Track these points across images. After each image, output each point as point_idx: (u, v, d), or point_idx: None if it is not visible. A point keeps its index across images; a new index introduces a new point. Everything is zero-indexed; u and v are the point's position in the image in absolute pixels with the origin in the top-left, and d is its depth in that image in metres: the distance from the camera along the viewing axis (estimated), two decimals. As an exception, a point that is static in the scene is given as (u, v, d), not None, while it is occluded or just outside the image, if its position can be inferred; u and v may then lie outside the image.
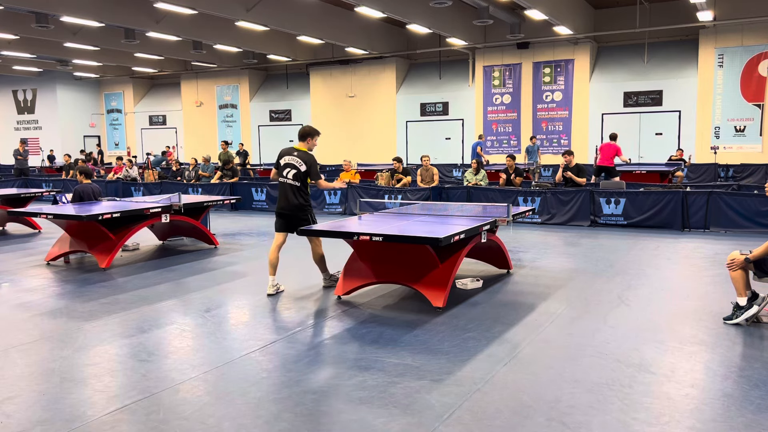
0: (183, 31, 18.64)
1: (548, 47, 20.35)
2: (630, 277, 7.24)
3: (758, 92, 17.76)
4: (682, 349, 4.73)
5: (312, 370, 4.41)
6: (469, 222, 6.50)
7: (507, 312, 5.82)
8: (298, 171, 6.49)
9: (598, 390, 3.97)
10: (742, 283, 5.25)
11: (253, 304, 6.26)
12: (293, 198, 6.51)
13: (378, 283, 6.30)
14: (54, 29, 17.82)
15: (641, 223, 10.99)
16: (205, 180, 15.84)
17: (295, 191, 6.51)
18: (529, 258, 8.48)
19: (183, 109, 28.38)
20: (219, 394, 4.01)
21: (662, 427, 3.48)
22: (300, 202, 6.52)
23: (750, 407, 3.70)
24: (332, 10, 18.97)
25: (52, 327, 5.52)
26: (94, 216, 7.79)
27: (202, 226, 9.53)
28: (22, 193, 11.88)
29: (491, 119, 21.51)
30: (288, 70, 26.24)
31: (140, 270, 8.01)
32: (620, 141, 19.76)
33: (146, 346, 4.93)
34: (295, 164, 6.51)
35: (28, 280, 7.49)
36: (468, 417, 3.63)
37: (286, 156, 6.59)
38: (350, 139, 23.92)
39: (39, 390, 4.10)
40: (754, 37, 17.62)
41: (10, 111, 30.53)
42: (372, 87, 23.65)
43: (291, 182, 6.51)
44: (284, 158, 6.59)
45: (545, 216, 11.80)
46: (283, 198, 6.59)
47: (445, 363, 4.48)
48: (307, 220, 6.56)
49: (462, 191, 12.60)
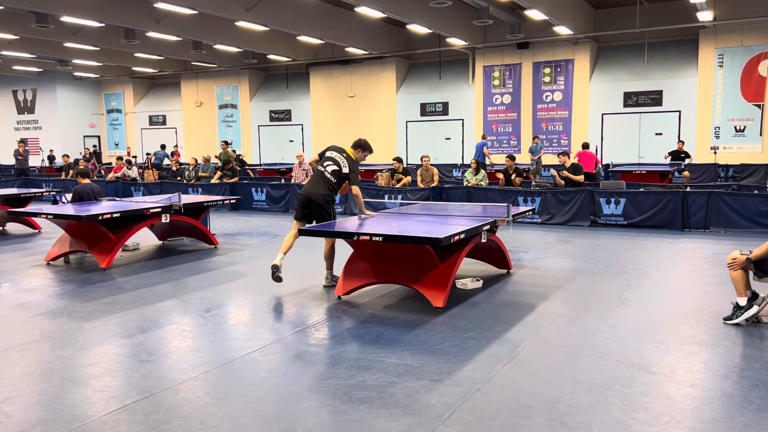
0: (183, 31, 18.64)
1: (548, 47, 20.35)
2: (630, 277, 7.23)
3: (758, 92, 17.76)
4: (682, 349, 4.73)
5: (312, 370, 4.40)
6: (469, 222, 6.50)
7: (507, 312, 5.82)
8: (339, 170, 6.69)
9: (598, 390, 3.97)
10: (742, 283, 5.25)
11: (253, 304, 6.26)
12: (323, 188, 6.66)
13: (378, 283, 6.30)
14: (54, 29, 17.82)
15: (641, 223, 10.99)
16: (205, 180, 15.84)
17: (327, 184, 6.68)
18: (529, 258, 8.48)
19: (183, 109, 28.39)
20: (219, 394, 4.01)
21: (662, 427, 3.48)
22: (327, 193, 6.66)
23: (750, 407, 3.70)
24: (332, 10, 18.97)
25: (52, 327, 5.52)
26: (94, 216, 7.79)
27: (202, 226, 9.53)
28: (22, 193, 11.88)
29: (491, 119, 21.51)
30: (288, 70, 26.24)
31: (140, 270, 8.01)
32: (620, 141, 19.95)
33: (146, 346, 4.93)
34: (339, 163, 6.72)
35: (28, 280, 7.49)
36: (468, 417, 3.63)
37: (334, 152, 6.81)
38: (350, 139, 23.64)
39: (39, 390, 4.10)
40: (754, 37, 17.62)
41: (10, 111, 30.53)
42: (372, 87, 23.65)
43: (328, 176, 6.68)
44: (331, 152, 6.81)
45: (545, 216, 11.80)
46: (313, 184, 6.72)
47: (445, 363, 4.48)
48: (330, 214, 6.72)
49: (462, 191, 12.60)
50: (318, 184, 6.69)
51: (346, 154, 6.79)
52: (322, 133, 24.48)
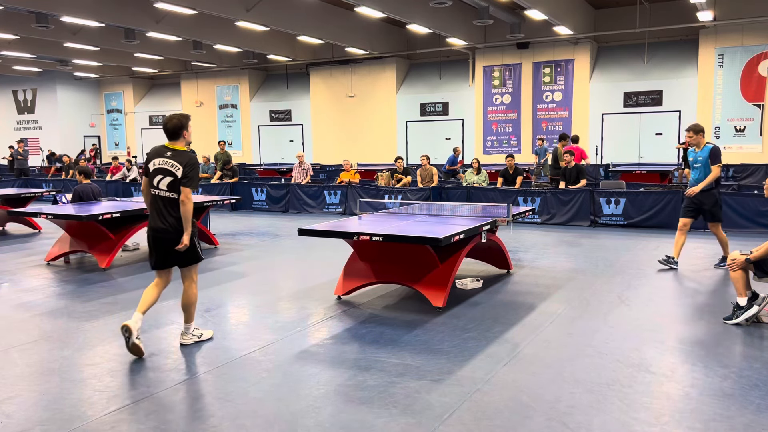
0: (183, 31, 18.63)
1: (548, 47, 20.34)
2: (630, 277, 7.23)
3: (758, 92, 17.75)
4: (682, 349, 4.73)
5: (312, 371, 4.40)
6: (469, 222, 6.50)
7: (507, 312, 5.82)
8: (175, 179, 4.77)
9: (598, 390, 3.97)
10: (742, 283, 5.25)
11: (253, 304, 6.26)
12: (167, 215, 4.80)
13: (378, 283, 6.29)
14: (54, 29, 17.81)
15: (641, 223, 10.99)
16: (205, 180, 15.85)
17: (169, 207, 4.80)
18: (529, 258, 8.48)
19: (183, 109, 28.36)
20: (219, 394, 4.01)
21: (662, 427, 3.48)
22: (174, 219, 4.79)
23: (750, 407, 3.70)
24: (332, 10, 18.96)
25: (52, 327, 5.52)
26: (94, 216, 7.79)
27: (202, 226, 9.53)
28: (22, 193, 11.89)
29: (491, 119, 21.50)
30: (288, 70, 26.23)
31: (140, 270, 8.01)
32: (620, 141, 19.94)
33: (146, 346, 4.93)
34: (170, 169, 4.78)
35: (28, 280, 7.48)
36: (468, 417, 3.63)
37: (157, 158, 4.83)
38: (350, 139, 23.92)
39: (39, 390, 4.09)
40: (754, 37, 17.61)
41: (10, 111, 30.52)
42: (372, 87, 23.64)
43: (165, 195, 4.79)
44: (154, 161, 4.83)
45: (545, 216, 11.80)
46: (153, 216, 4.88)
47: (445, 363, 4.48)
48: (194, 245, 4.93)
49: (462, 191, 12.60)
50: (159, 213, 4.76)
51: (172, 152, 4.78)
52: (322, 133, 24.48)
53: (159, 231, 4.78)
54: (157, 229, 4.79)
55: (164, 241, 4.79)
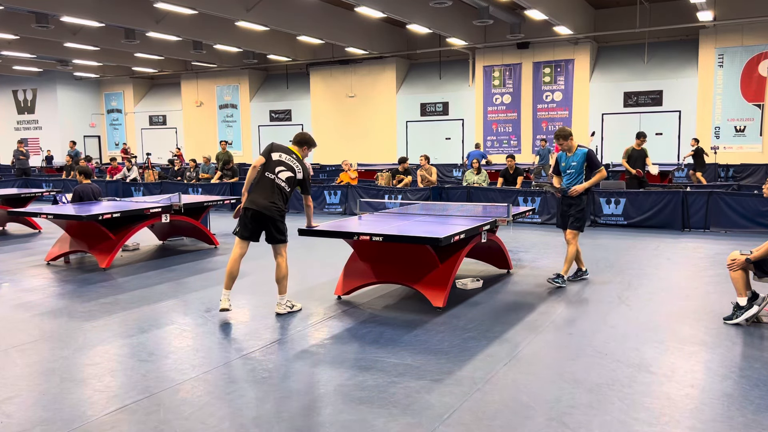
0: (183, 31, 18.63)
1: (548, 47, 20.34)
2: (630, 277, 7.23)
3: (758, 92, 17.76)
4: (682, 349, 4.72)
5: (312, 370, 4.40)
6: (469, 222, 6.50)
7: (507, 312, 5.82)
8: (294, 176, 5.75)
9: (598, 390, 3.97)
10: (742, 283, 5.25)
11: (253, 304, 6.26)
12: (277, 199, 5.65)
13: (378, 283, 6.29)
14: (54, 29, 17.80)
15: (641, 223, 10.99)
16: (205, 180, 15.84)
17: (280, 194, 5.68)
18: (529, 258, 8.48)
19: (183, 109, 28.37)
20: (219, 394, 4.01)
21: (662, 427, 3.48)
22: (281, 204, 5.69)
23: (750, 407, 3.70)
24: (332, 10, 18.96)
25: (52, 327, 5.52)
26: (94, 216, 7.79)
27: (202, 226, 9.53)
28: (22, 193, 11.88)
29: (491, 119, 21.50)
30: (288, 70, 26.23)
31: (140, 270, 8.01)
32: (620, 141, 19.91)
33: (146, 346, 4.93)
34: (293, 167, 5.75)
35: (28, 280, 7.48)
36: (468, 417, 3.63)
37: (282, 153, 5.74)
38: (350, 139, 23.92)
39: (39, 390, 4.09)
40: (754, 37, 17.61)
41: (10, 111, 30.52)
42: (372, 87, 23.64)
43: (282, 184, 5.68)
44: (279, 154, 5.73)
45: (545, 216, 11.80)
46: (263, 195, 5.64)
47: (445, 363, 4.48)
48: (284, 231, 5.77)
49: (462, 191, 12.60)
50: (270, 195, 5.57)
51: (295, 156, 5.73)
52: (322, 133, 24.46)
53: (264, 208, 5.58)
54: (263, 207, 5.58)
55: (264, 218, 5.60)
